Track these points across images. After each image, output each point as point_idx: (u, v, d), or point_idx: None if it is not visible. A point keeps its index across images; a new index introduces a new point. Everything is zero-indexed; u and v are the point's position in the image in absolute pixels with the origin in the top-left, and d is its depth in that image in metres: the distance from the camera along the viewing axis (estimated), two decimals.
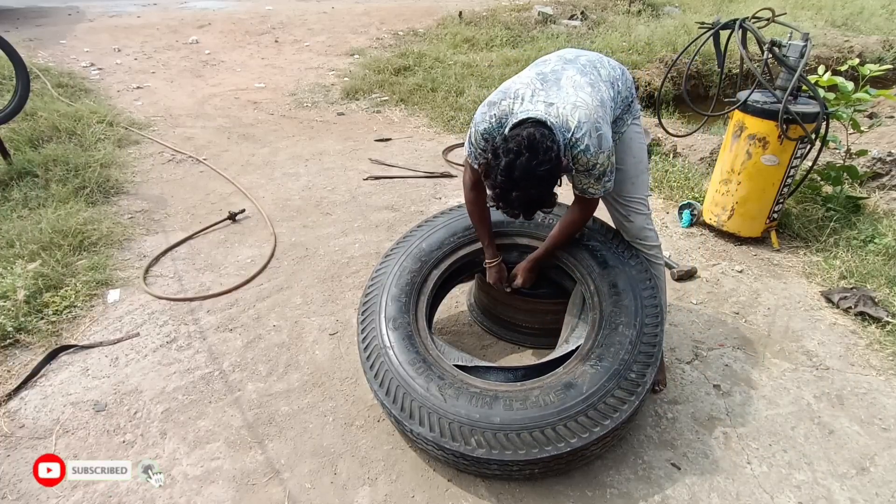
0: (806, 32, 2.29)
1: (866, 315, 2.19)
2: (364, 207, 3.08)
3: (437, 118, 4.45)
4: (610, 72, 1.59)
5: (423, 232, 1.94)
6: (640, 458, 1.63)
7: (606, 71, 1.58)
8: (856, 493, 1.53)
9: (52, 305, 2.15)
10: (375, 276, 1.86)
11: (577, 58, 1.58)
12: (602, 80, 1.54)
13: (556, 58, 1.58)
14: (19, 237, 2.45)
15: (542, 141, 1.29)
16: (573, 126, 1.39)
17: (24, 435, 1.68)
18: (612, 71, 1.60)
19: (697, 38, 2.45)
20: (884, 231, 2.59)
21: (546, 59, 1.58)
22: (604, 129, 1.43)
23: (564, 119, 1.39)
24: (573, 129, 1.39)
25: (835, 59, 6.13)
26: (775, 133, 2.37)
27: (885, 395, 1.86)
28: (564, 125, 1.39)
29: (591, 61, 1.58)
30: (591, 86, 1.47)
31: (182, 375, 1.91)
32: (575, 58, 1.58)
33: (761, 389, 1.88)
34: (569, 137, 1.40)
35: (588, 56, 1.60)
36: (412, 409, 1.47)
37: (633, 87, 1.64)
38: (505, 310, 2.08)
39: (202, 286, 2.39)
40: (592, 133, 1.40)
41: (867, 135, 3.37)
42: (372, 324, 1.70)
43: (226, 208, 2.95)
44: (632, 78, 1.65)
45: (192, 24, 7.05)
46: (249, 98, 4.87)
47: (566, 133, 1.39)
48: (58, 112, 3.74)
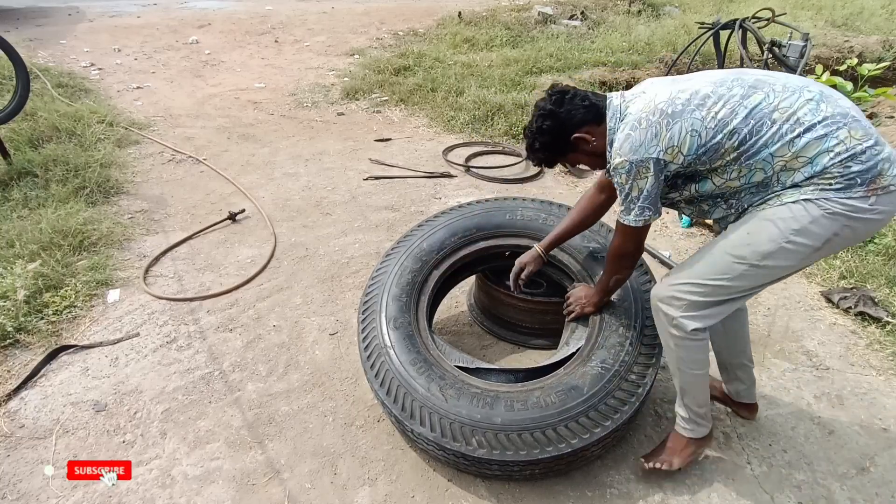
0: (806, 32, 2.30)
1: (866, 315, 2.19)
2: (364, 207, 3.07)
3: (437, 118, 4.45)
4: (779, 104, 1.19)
5: (423, 232, 1.94)
6: (640, 458, 1.63)
7: (782, 101, 1.19)
8: (856, 493, 1.53)
9: (52, 305, 2.15)
10: (376, 275, 1.86)
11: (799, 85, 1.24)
12: (739, 100, 1.21)
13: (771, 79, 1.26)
14: (19, 237, 2.45)
15: (553, 99, 1.37)
16: (626, 114, 1.31)
17: (24, 435, 1.67)
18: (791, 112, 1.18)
19: (697, 38, 2.45)
20: (884, 231, 2.59)
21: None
22: (639, 133, 1.23)
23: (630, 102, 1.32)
24: (624, 116, 1.31)
25: (835, 59, 6.13)
26: None
27: (885, 395, 1.86)
28: (623, 110, 1.32)
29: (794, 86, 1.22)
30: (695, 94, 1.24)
31: (182, 375, 1.91)
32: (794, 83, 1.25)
33: (761, 389, 1.88)
34: (612, 126, 1.33)
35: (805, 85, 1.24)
36: (413, 409, 1.47)
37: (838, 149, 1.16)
38: (505, 310, 2.08)
39: (202, 286, 2.39)
40: (629, 128, 1.26)
41: None
42: (373, 323, 1.70)
43: (226, 208, 2.95)
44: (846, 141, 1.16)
45: (192, 24, 7.05)
46: (249, 98, 4.87)
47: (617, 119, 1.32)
48: (58, 112, 3.74)
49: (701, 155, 1.23)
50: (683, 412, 1.50)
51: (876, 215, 1.17)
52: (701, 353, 1.40)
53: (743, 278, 1.28)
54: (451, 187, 3.35)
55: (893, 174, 1.16)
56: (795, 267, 1.27)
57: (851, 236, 1.21)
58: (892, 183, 1.16)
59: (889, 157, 1.17)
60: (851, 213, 1.16)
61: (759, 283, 1.31)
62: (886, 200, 1.17)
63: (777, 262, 1.24)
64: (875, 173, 1.15)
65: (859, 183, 1.15)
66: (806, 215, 1.18)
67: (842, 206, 1.16)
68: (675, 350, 1.40)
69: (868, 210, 1.16)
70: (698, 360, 1.40)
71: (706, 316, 1.33)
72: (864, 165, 1.14)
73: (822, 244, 1.20)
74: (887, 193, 1.16)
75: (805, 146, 1.17)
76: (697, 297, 1.31)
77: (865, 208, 1.16)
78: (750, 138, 1.20)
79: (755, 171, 1.23)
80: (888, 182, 1.16)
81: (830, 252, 1.29)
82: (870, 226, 1.21)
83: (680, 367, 1.42)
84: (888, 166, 1.16)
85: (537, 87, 5.06)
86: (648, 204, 1.28)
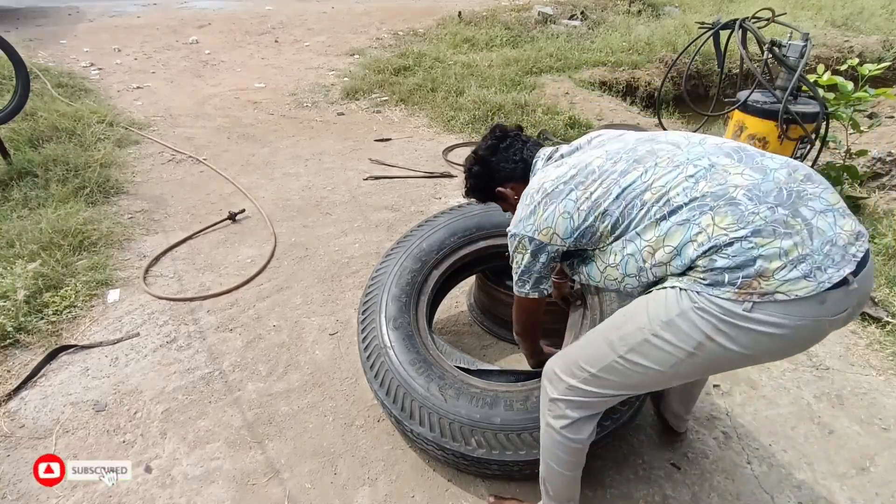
0: (806, 32, 2.29)
1: (866, 315, 2.19)
2: (364, 207, 3.07)
3: (437, 118, 4.45)
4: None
5: (423, 232, 1.94)
6: (640, 458, 1.63)
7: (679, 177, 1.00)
8: (856, 493, 1.53)
9: (52, 305, 2.15)
10: (376, 275, 1.86)
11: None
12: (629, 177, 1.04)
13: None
14: (19, 237, 2.45)
15: (489, 145, 1.34)
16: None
17: (24, 435, 1.67)
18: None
19: (697, 38, 2.45)
20: (884, 231, 2.59)
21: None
22: (521, 209, 1.16)
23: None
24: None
25: (835, 59, 6.14)
26: (775, 133, 2.37)
27: (885, 395, 1.86)
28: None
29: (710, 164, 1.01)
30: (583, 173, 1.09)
31: (182, 375, 1.91)
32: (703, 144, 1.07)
33: (761, 389, 1.88)
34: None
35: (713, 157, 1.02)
36: (412, 409, 1.47)
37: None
38: (505, 310, 2.08)
39: (202, 286, 2.39)
40: (520, 201, 1.19)
41: (867, 135, 3.37)
42: (372, 323, 1.70)
43: (226, 208, 2.95)
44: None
45: (192, 24, 7.05)
46: (249, 98, 4.87)
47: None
48: (58, 112, 3.74)
49: (579, 238, 1.09)
50: (542, 491, 1.32)
51: (762, 327, 0.90)
52: (566, 455, 1.18)
53: (611, 371, 1.07)
54: (451, 187, 3.35)
55: (786, 278, 0.88)
56: (664, 377, 1.03)
57: (732, 348, 0.93)
58: (780, 290, 0.88)
59: (779, 255, 0.88)
60: (723, 315, 0.91)
61: (628, 386, 1.08)
62: (774, 310, 0.89)
63: (641, 361, 1.02)
64: (750, 273, 0.89)
65: (727, 281, 0.91)
66: (675, 306, 0.96)
67: (711, 303, 0.92)
68: (543, 432, 1.22)
69: (745, 318, 0.90)
70: (562, 459, 1.20)
71: (580, 407, 1.13)
72: (731, 261, 0.90)
73: (692, 349, 0.96)
74: (773, 303, 0.89)
75: (668, 233, 0.97)
76: (576, 381, 1.12)
77: (740, 314, 0.90)
78: (622, 221, 1.03)
79: (628, 259, 1.05)
80: (774, 288, 0.88)
81: (708, 368, 1.03)
82: (756, 340, 0.92)
83: (544, 453, 1.24)
84: (776, 267, 0.88)
85: (537, 87, 5.07)
86: (526, 279, 1.19)
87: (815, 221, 0.92)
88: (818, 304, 0.89)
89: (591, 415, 1.15)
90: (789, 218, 0.91)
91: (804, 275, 0.88)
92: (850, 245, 0.91)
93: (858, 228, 0.95)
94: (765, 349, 0.94)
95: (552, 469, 1.23)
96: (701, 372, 1.03)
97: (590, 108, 4.65)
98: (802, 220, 0.91)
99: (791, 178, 0.97)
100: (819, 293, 0.88)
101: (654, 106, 4.84)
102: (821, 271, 0.88)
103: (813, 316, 0.90)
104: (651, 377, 1.04)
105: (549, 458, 1.22)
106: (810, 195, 0.95)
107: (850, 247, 0.91)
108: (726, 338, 0.93)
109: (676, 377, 1.05)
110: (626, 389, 1.10)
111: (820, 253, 0.89)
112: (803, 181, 0.98)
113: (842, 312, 0.92)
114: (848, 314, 0.94)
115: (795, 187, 0.96)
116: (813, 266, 0.88)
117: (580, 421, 1.14)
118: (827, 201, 0.95)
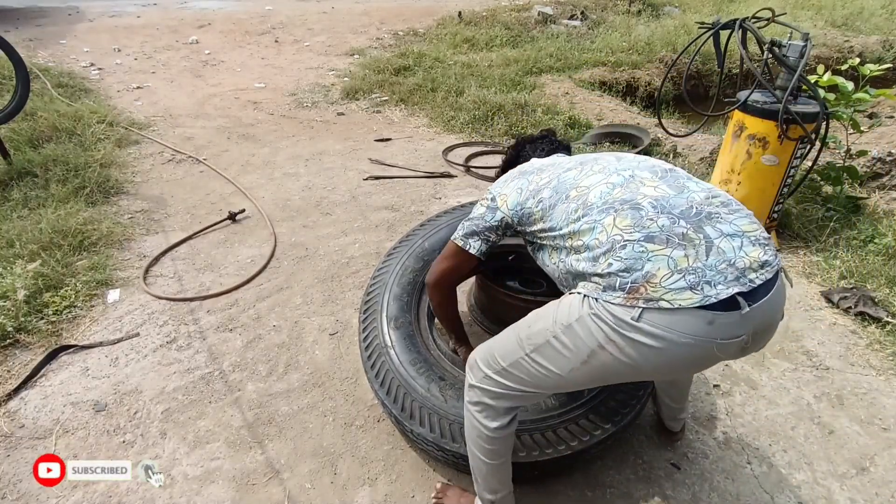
0: (806, 32, 2.29)
1: (866, 315, 2.19)
2: (364, 207, 3.07)
3: (437, 118, 4.45)
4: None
5: (425, 231, 1.94)
6: (640, 458, 1.63)
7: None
8: (856, 493, 1.53)
9: (52, 305, 2.15)
10: (377, 274, 1.86)
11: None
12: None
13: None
14: (19, 237, 2.45)
15: (527, 136, 1.61)
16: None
17: (24, 435, 1.67)
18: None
19: (697, 38, 2.45)
20: (884, 231, 2.59)
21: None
22: (506, 179, 1.29)
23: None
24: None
25: (835, 59, 6.14)
26: (775, 133, 2.37)
27: (885, 395, 1.86)
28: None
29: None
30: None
31: (182, 375, 1.91)
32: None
33: (761, 389, 1.88)
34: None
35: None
36: (413, 410, 1.47)
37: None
38: (505, 310, 2.08)
39: (202, 286, 2.39)
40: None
41: (867, 135, 3.38)
42: (373, 323, 1.70)
43: (226, 208, 2.95)
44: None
45: (192, 24, 7.05)
46: (249, 98, 4.87)
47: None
48: (58, 112, 3.74)
49: (520, 215, 1.19)
50: (473, 479, 1.31)
51: (647, 339, 0.87)
52: (484, 442, 1.17)
53: (518, 368, 1.06)
54: (451, 187, 3.35)
55: (672, 287, 0.86)
56: (563, 381, 1.02)
57: (621, 358, 0.91)
58: (664, 297, 0.86)
59: (667, 263, 0.88)
60: (614, 324, 0.90)
61: (533, 385, 1.07)
62: (660, 322, 0.86)
63: (543, 362, 1.02)
64: (637, 278, 0.89)
65: (618, 286, 0.91)
66: (577, 311, 0.97)
67: (605, 310, 0.92)
68: (465, 417, 1.22)
69: (632, 327, 0.88)
70: (481, 446, 1.19)
71: (495, 398, 1.12)
72: (623, 264, 0.91)
73: (586, 356, 0.95)
74: (658, 311, 0.86)
75: (579, 232, 1.02)
76: (490, 372, 1.12)
77: (629, 323, 0.88)
78: (549, 210, 1.11)
79: (551, 251, 1.12)
80: (659, 295, 0.86)
81: (601, 377, 1.00)
82: (642, 353, 0.89)
83: (467, 441, 1.24)
84: (663, 274, 0.87)
85: (537, 87, 5.07)
86: (466, 226, 1.30)
87: (717, 241, 0.91)
88: (705, 324, 0.86)
89: (507, 407, 1.14)
90: (690, 232, 0.92)
91: (690, 286, 0.87)
92: (751, 271, 0.89)
93: (766, 258, 0.92)
94: (651, 363, 0.91)
95: (475, 456, 1.23)
96: (596, 381, 1.02)
97: (590, 108, 4.65)
98: (704, 237, 0.92)
99: (707, 200, 1.00)
100: (705, 310, 0.85)
101: (654, 106, 4.84)
102: (709, 286, 0.86)
103: (699, 335, 0.87)
104: (551, 380, 1.03)
105: (472, 445, 1.23)
106: (722, 219, 0.96)
107: (749, 272, 0.89)
108: (616, 347, 0.91)
109: (573, 383, 1.04)
110: (532, 388, 1.08)
111: (713, 269, 0.88)
112: (719, 206, 0.99)
113: (734, 338, 0.88)
114: (741, 343, 0.89)
115: (708, 209, 0.98)
116: (701, 279, 0.87)
117: (493, 410, 1.14)
118: (738, 227, 0.95)
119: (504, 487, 1.30)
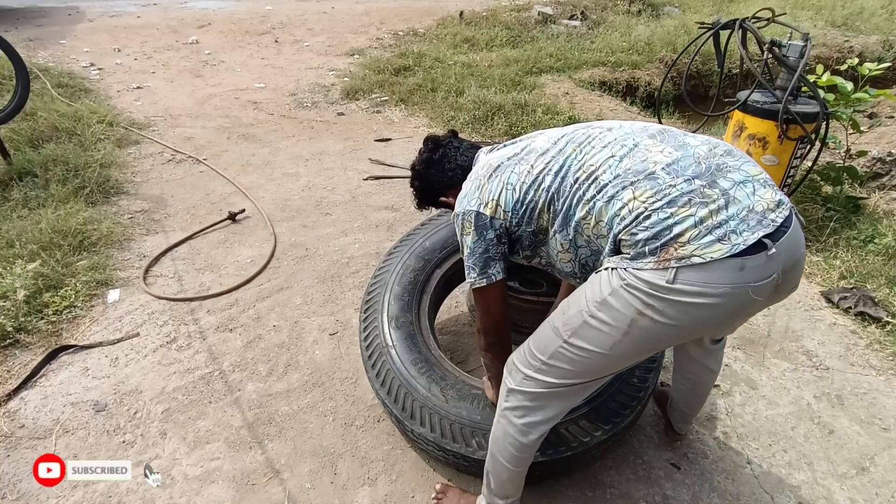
0: (806, 32, 2.29)
1: (866, 315, 2.19)
2: (364, 207, 3.07)
3: (437, 118, 4.45)
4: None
5: (426, 230, 1.94)
6: (640, 458, 1.63)
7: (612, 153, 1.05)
8: (856, 493, 1.53)
9: (52, 305, 2.15)
10: (378, 274, 1.85)
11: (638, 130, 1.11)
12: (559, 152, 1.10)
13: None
14: (19, 237, 2.45)
15: (424, 158, 1.38)
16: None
17: (24, 435, 1.67)
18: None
19: (697, 38, 2.45)
20: (884, 231, 2.59)
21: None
22: (466, 187, 1.19)
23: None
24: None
25: (835, 59, 6.14)
26: (775, 133, 2.37)
27: (885, 395, 1.86)
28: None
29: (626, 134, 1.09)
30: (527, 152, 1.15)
31: (182, 375, 1.91)
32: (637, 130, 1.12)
33: (761, 389, 1.88)
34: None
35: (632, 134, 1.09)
36: (413, 410, 1.47)
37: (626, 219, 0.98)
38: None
39: (202, 286, 2.39)
40: (465, 184, 1.23)
41: (867, 135, 3.38)
42: (374, 322, 1.70)
43: (226, 208, 2.95)
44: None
45: (192, 24, 7.05)
46: (249, 98, 4.87)
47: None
48: (58, 112, 3.74)
49: (521, 211, 1.11)
50: (484, 482, 1.31)
51: (686, 297, 0.90)
52: (514, 449, 1.17)
53: (559, 358, 1.05)
54: None
55: (701, 242, 0.90)
56: (608, 360, 1.02)
57: (662, 321, 0.93)
58: (695, 253, 0.89)
59: (694, 223, 0.91)
60: (648, 289, 0.92)
61: (577, 374, 1.06)
62: (695, 278, 0.89)
63: (583, 344, 1.01)
64: (667, 241, 0.91)
65: (647, 252, 0.93)
66: (607, 285, 0.97)
67: (636, 278, 0.93)
68: (496, 422, 1.20)
69: (669, 289, 0.90)
70: (509, 453, 1.18)
71: (536, 399, 1.11)
72: (649, 232, 0.93)
73: (627, 327, 0.96)
74: (691, 267, 0.89)
75: (599, 210, 1.01)
76: (531, 371, 1.10)
77: (664, 286, 0.90)
78: (557, 198, 1.07)
79: (572, 237, 1.09)
80: (690, 252, 0.90)
81: (647, 346, 1.00)
82: (683, 311, 0.92)
83: (492, 445, 1.22)
84: (691, 233, 0.91)
85: (537, 87, 5.07)
86: (473, 263, 1.15)
87: (733, 191, 0.95)
88: (738, 271, 0.89)
89: (545, 418, 1.13)
90: (706, 188, 0.95)
91: (718, 238, 0.90)
92: (769, 211, 0.93)
93: (779, 197, 0.97)
94: (693, 320, 0.94)
95: (497, 461, 1.22)
96: (641, 351, 1.01)
97: (590, 108, 4.65)
98: (720, 191, 0.95)
99: (711, 152, 1.02)
100: (735, 257, 0.89)
101: (654, 106, 4.84)
102: (736, 234, 0.90)
103: (734, 282, 0.90)
104: (595, 361, 1.03)
105: (497, 450, 1.21)
106: (730, 167, 0.99)
107: (768, 213, 0.93)
108: (655, 311, 0.93)
109: (618, 359, 1.03)
110: (575, 378, 1.07)
111: (736, 219, 0.91)
112: (723, 155, 1.02)
113: (766, 279, 0.92)
114: (774, 283, 0.93)
115: (715, 161, 1.00)
116: (728, 230, 0.90)
117: (534, 416, 1.13)
118: (747, 173, 0.99)
119: (517, 493, 1.30)
